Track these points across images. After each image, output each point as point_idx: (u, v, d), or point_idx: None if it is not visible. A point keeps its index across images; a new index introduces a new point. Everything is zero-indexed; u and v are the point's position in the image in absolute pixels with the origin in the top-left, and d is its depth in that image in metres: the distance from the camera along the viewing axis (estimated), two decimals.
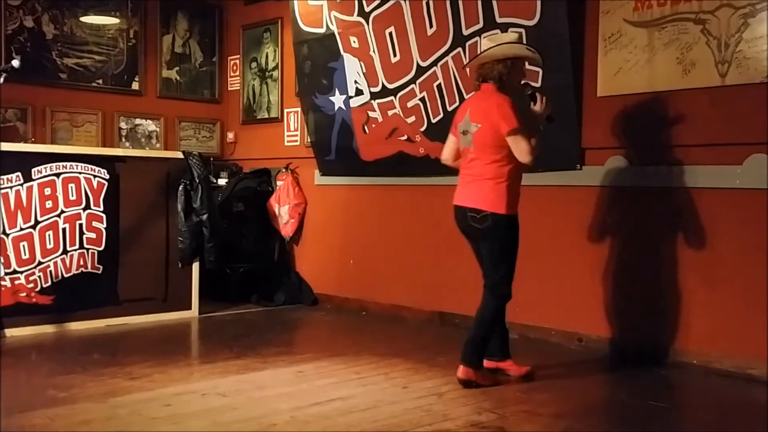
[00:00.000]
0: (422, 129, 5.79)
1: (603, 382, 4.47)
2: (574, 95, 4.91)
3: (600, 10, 4.85)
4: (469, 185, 4.09)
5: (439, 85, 5.61)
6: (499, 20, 5.14)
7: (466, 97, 5.43)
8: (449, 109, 5.56)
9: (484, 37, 4.20)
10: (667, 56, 4.57)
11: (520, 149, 3.89)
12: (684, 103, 4.52)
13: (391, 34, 5.84)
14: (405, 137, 5.95)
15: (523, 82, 4.14)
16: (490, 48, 4.05)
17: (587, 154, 4.98)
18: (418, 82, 5.74)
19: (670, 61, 4.56)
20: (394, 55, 5.87)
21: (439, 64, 5.56)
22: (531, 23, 4.96)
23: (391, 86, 5.94)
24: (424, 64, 5.67)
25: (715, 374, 4.35)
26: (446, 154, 4.38)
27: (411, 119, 5.86)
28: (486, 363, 4.16)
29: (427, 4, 5.56)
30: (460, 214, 4.13)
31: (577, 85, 4.93)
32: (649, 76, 4.66)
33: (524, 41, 4.48)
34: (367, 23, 5.99)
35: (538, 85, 4.70)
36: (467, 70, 4.39)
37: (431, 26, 5.56)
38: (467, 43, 5.35)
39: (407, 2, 5.69)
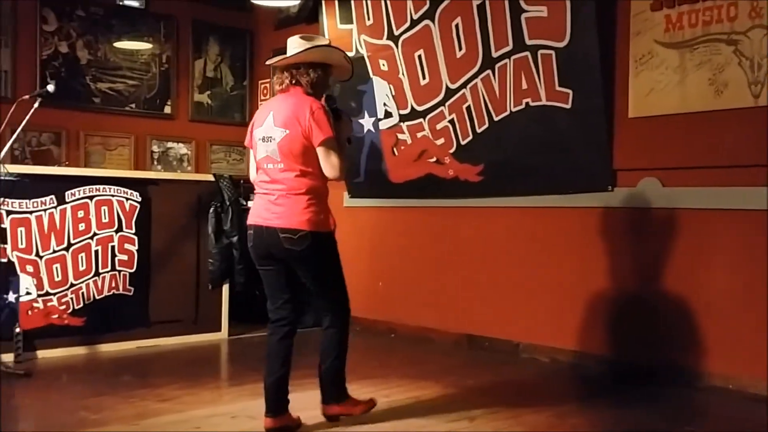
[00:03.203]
0: (451, 151, 5.78)
1: (636, 406, 4.39)
2: (605, 116, 4.88)
3: (630, 31, 4.82)
4: (276, 202, 3.52)
5: (468, 107, 5.60)
6: (528, 42, 5.14)
7: (495, 119, 5.44)
8: (479, 131, 5.55)
9: (299, 37, 3.65)
10: (699, 77, 4.52)
11: (331, 162, 3.48)
12: (716, 124, 4.47)
13: (420, 56, 5.86)
14: (434, 159, 5.94)
15: (327, 94, 3.71)
16: (310, 48, 3.58)
17: (619, 176, 4.94)
18: (447, 104, 5.74)
19: (702, 82, 4.52)
20: (423, 78, 5.88)
21: (469, 86, 5.56)
22: (561, 45, 4.95)
23: (420, 108, 5.95)
24: (453, 87, 5.67)
25: (739, 397, 4.26)
26: (254, 173, 3.72)
27: (440, 141, 5.85)
28: (329, 410, 3.88)
29: (457, 26, 5.57)
30: (267, 236, 3.54)
31: (608, 106, 4.90)
32: (681, 97, 4.61)
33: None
34: (397, 46, 6.01)
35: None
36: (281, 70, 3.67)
37: (460, 49, 5.57)
38: (497, 65, 5.35)
39: (437, 25, 5.71)
